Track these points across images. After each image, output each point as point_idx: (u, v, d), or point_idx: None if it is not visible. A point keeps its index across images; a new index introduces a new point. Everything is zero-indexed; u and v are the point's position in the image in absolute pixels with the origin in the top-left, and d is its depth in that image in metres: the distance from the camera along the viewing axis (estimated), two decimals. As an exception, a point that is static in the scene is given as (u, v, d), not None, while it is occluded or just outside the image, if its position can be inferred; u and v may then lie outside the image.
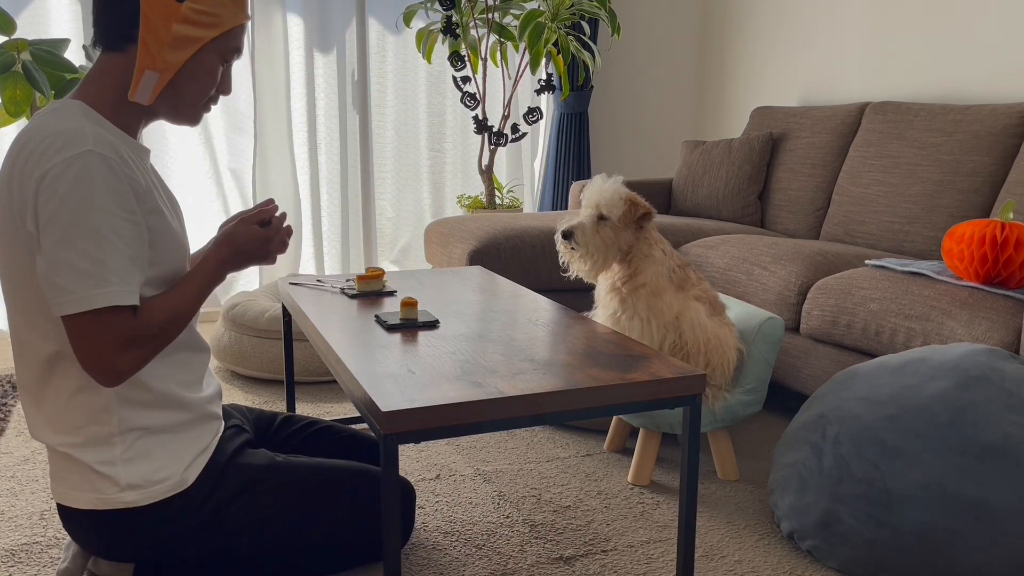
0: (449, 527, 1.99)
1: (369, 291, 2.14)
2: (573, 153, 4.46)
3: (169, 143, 3.83)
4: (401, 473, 2.26)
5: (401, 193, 4.35)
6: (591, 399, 1.48)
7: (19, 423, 2.59)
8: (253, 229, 1.55)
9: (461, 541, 1.92)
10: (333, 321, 1.88)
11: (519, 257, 3.04)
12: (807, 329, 2.58)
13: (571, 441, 2.50)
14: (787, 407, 2.84)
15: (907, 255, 3.00)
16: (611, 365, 1.58)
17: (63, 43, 3.03)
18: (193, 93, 1.48)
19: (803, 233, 3.49)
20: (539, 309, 2.02)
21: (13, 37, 3.06)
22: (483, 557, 1.86)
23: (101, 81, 1.45)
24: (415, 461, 2.34)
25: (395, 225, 4.37)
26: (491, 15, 3.89)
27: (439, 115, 4.33)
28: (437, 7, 3.98)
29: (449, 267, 3.17)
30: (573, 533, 1.97)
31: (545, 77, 4.38)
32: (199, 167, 3.89)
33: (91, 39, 1.47)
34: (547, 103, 4.55)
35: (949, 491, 1.67)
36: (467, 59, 3.98)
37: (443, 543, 1.91)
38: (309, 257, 4.16)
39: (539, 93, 4.16)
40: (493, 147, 4.07)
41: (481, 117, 4.02)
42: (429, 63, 4.05)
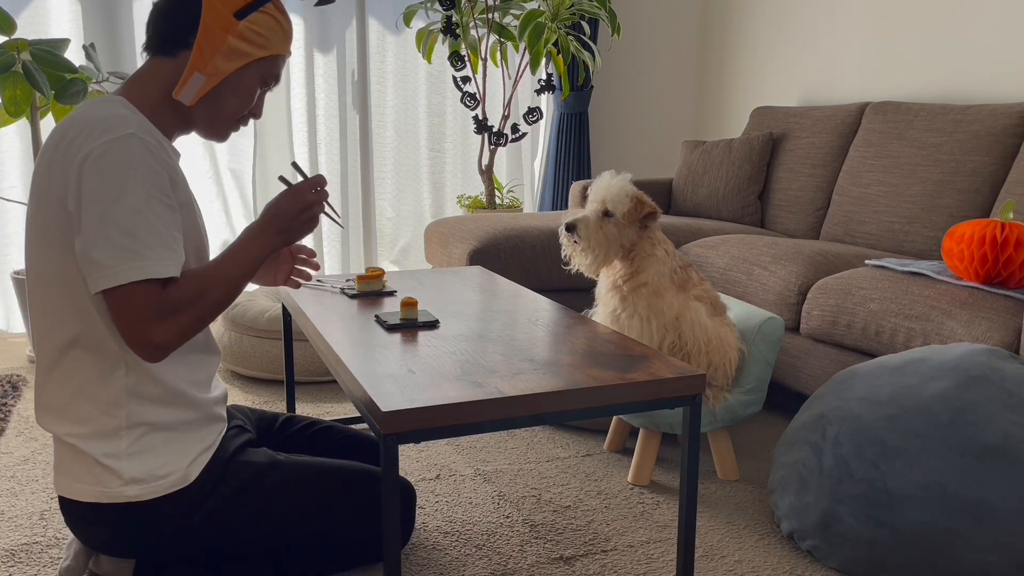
0: (449, 527, 1.99)
1: (369, 291, 2.14)
2: (573, 153, 4.46)
3: (169, 143, 3.83)
4: (401, 473, 2.26)
5: (401, 193, 4.34)
6: (591, 399, 1.48)
7: (19, 423, 2.59)
8: (289, 192, 1.56)
9: (461, 541, 1.92)
10: (333, 321, 1.88)
11: (519, 257, 3.04)
12: (807, 329, 2.58)
13: (571, 441, 2.50)
14: (787, 407, 2.84)
15: (907, 255, 3.00)
16: (611, 365, 1.58)
17: (63, 43, 3.03)
18: (231, 106, 1.55)
19: (803, 233, 3.49)
20: (539, 309, 2.02)
21: (13, 37, 3.06)
22: (483, 557, 1.86)
23: (146, 83, 1.52)
24: (415, 461, 2.34)
25: (395, 225, 4.37)
26: (491, 15, 3.89)
27: (439, 115, 4.33)
28: (437, 7, 3.98)
29: (449, 267, 3.17)
30: (573, 533, 1.97)
31: (545, 77, 4.38)
32: (199, 167, 3.89)
33: (143, 42, 1.55)
34: (547, 103, 4.55)
35: (949, 491, 1.67)
36: (467, 59, 3.98)
37: (443, 543, 1.91)
38: (309, 257, 4.16)
39: (539, 93, 4.16)
40: (493, 147, 4.07)
41: (481, 117, 4.02)
42: (429, 63, 4.05)
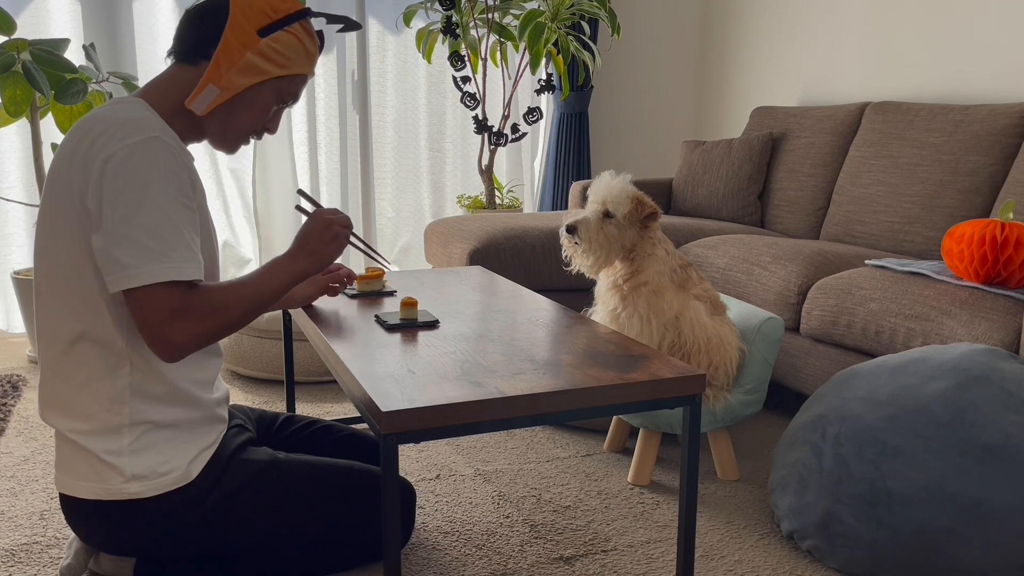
0: (449, 527, 1.99)
1: (369, 291, 2.14)
2: (573, 153, 4.46)
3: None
4: (401, 473, 2.26)
5: (401, 193, 4.34)
6: (591, 399, 1.48)
7: (19, 423, 2.59)
8: (310, 217, 1.61)
9: (461, 541, 1.92)
10: (333, 321, 1.88)
11: (519, 257, 3.04)
12: (807, 329, 2.58)
13: (571, 441, 2.50)
14: (787, 407, 2.84)
15: (907, 255, 3.00)
16: (611, 365, 1.58)
17: (63, 43, 3.03)
18: (243, 121, 1.57)
19: (803, 233, 3.49)
20: (539, 309, 2.02)
21: (13, 37, 3.06)
22: (483, 557, 1.86)
23: (165, 88, 1.54)
24: (415, 461, 2.34)
25: (395, 225, 4.37)
26: (491, 15, 3.89)
27: (439, 115, 4.33)
28: (437, 7, 3.98)
29: (449, 267, 3.17)
30: (573, 533, 1.97)
31: (545, 77, 4.38)
32: (199, 167, 3.89)
33: (168, 48, 1.57)
34: (547, 103, 4.55)
35: (949, 491, 1.67)
36: (467, 59, 3.98)
37: (443, 543, 1.91)
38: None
39: (539, 93, 4.16)
40: (493, 147, 4.07)
41: (481, 117, 4.02)
42: (429, 63, 4.05)
